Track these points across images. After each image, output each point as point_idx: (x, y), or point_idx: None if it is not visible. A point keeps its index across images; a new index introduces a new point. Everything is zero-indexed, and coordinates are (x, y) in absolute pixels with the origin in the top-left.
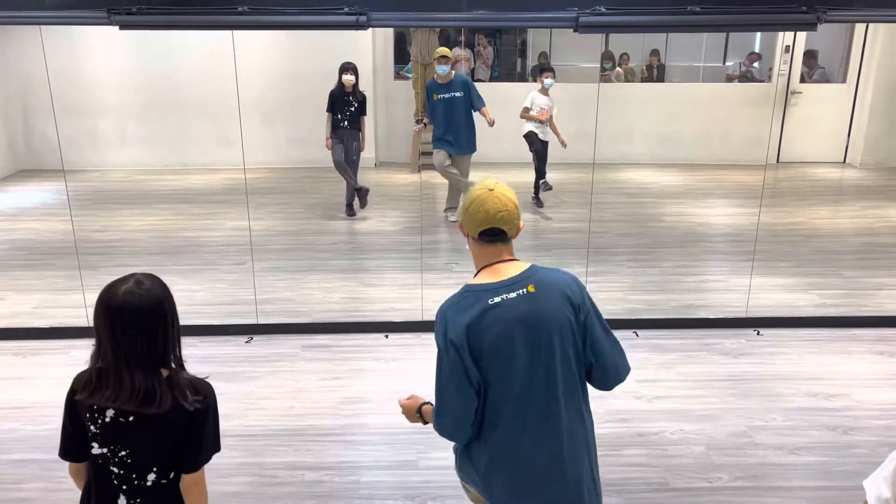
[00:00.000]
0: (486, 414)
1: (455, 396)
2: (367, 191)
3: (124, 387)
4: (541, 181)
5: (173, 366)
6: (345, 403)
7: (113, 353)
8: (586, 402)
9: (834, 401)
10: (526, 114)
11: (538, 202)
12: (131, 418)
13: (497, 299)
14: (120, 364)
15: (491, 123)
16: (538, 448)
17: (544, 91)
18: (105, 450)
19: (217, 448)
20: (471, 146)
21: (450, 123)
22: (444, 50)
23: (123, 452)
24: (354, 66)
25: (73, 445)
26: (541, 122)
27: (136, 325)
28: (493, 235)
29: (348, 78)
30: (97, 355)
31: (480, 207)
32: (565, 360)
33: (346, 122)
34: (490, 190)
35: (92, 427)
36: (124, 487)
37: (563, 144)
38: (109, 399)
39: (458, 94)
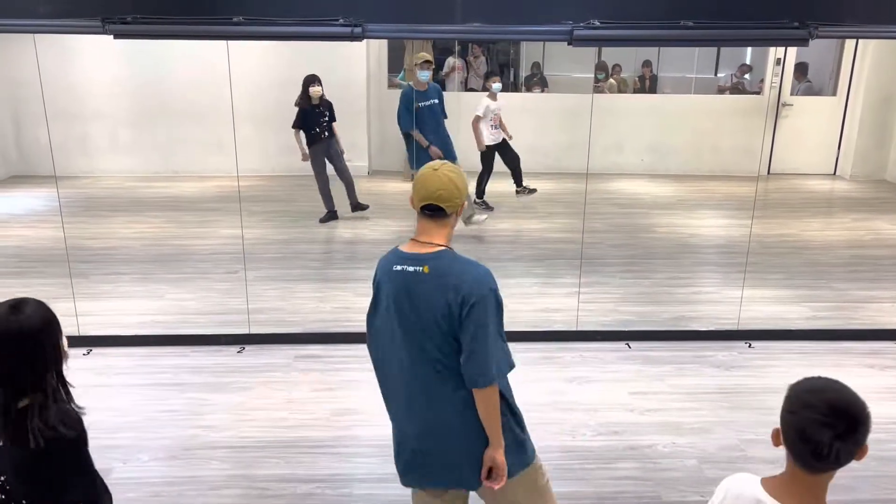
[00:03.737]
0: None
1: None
2: (363, 206)
3: None
4: (518, 189)
5: (48, 393)
6: (337, 415)
7: None
8: (459, 390)
9: None
10: (477, 123)
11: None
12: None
13: (398, 268)
14: None
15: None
16: (403, 415)
17: (493, 96)
18: None
19: (93, 483)
20: (452, 155)
21: (437, 132)
22: (426, 55)
23: (3, 477)
24: (318, 76)
25: None
26: (494, 127)
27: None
28: (431, 210)
29: (316, 90)
30: None
31: (423, 184)
32: (424, 347)
33: (325, 134)
34: (434, 170)
35: None
36: None
37: (509, 137)
38: None
39: (435, 101)
